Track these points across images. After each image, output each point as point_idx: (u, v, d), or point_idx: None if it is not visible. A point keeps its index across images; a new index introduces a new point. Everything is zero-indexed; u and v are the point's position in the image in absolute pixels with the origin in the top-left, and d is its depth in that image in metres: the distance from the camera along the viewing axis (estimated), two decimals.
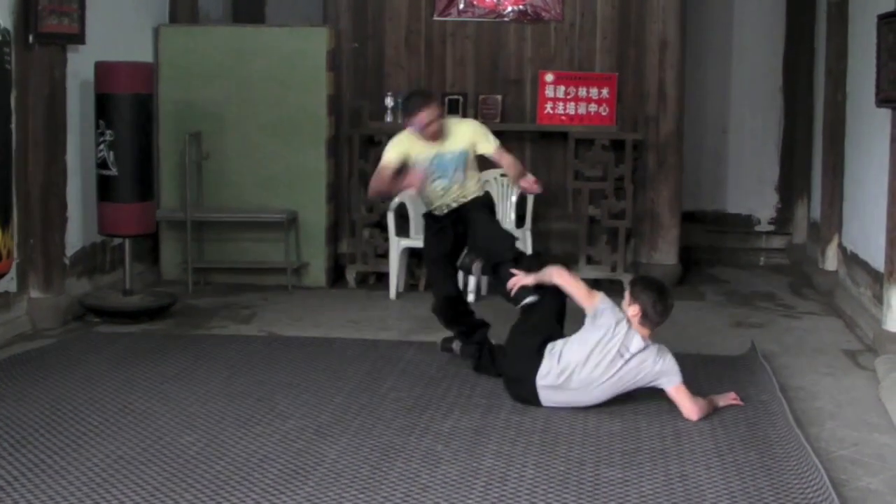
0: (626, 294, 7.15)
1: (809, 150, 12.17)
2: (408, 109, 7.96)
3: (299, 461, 6.06)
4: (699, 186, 12.48)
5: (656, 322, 7.04)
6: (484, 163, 10.79)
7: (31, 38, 8.74)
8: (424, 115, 7.79)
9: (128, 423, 6.68)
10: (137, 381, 7.56)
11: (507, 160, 8.15)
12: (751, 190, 12.76)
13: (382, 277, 10.88)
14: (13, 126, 7.91)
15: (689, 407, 6.87)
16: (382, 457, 6.13)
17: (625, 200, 10.77)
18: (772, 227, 12.81)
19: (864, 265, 9.54)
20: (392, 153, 7.93)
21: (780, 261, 12.57)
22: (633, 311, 7.03)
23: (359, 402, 7.18)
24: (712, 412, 6.92)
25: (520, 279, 7.53)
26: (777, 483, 5.80)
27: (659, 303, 6.99)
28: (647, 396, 7.24)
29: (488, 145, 8.07)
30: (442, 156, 7.89)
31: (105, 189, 9.34)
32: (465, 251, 7.98)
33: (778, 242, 12.74)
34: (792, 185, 12.61)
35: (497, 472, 5.91)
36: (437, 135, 7.87)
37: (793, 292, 11.01)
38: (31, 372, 7.80)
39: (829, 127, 10.99)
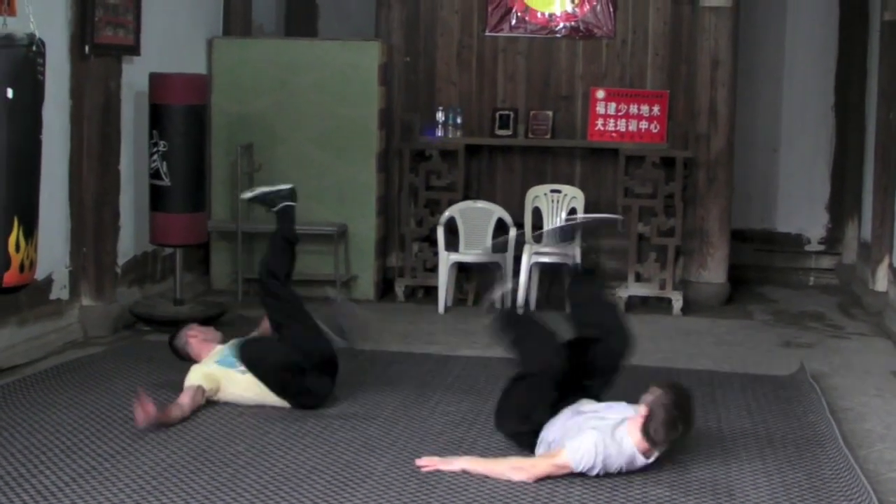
0: (649, 394, 6.15)
1: (860, 170, 12.11)
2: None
3: (347, 474, 6.09)
4: (749, 205, 12.42)
5: (653, 444, 6.08)
6: (533, 179, 10.87)
7: (87, 49, 8.84)
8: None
9: (177, 432, 6.72)
10: None
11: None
12: (801, 209, 12.69)
13: (431, 291, 10.91)
14: (60, 136, 8.00)
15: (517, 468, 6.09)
16: (430, 471, 6.15)
17: (674, 218, 10.75)
18: (822, 247, 12.73)
19: None
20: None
21: (829, 281, 12.49)
22: (642, 411, 6.08)
23: (407, 415, 7.20)
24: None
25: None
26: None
27: (664, 427, 6.03)
28: (696, 415, 7.22)
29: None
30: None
31: (157, 199, 9.41)
32: None
33: (827, 262, 12.66)
34: (842, 204, 12.54)
35: (544, 490, 5.91)
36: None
37: (842, 313, 10.95)
38: (82, 379, 7.87)
39: (881, 146, 10.94)
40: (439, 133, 11.10)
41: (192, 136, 9.41)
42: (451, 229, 10.67)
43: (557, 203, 10.75)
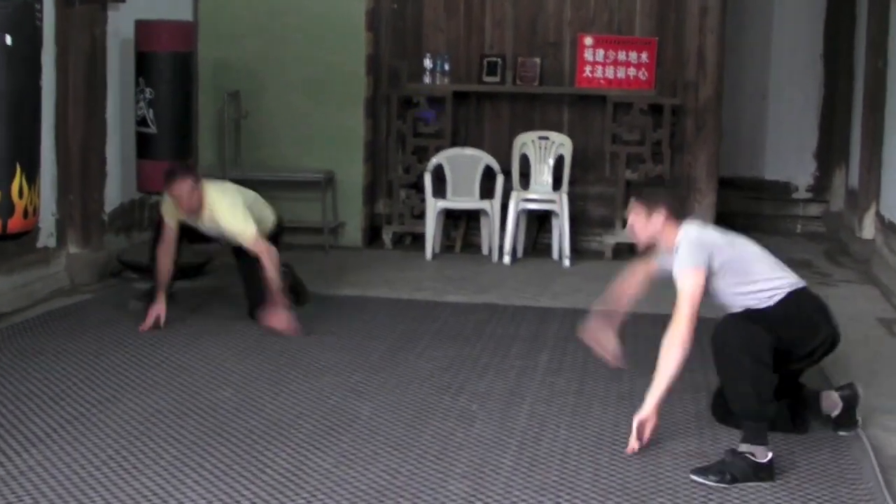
0: (640, 212, 5.98)
1: (849, 118, 12.11)
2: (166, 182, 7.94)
3: (334, 418, 6.11)
4: (737, 152, 12.42)
5: (681, 215, 6.00)
6: (521, 126, 10.83)
7: None
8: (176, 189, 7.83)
9: (164, 378, 6.74)
10: (174, 337, 7.64)
11: (263, 258, 7.82)
12: (789, 157, 12.70)
13: (419, 238, 10.91)
14: (46, 83, 7.97)
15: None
16: (417, 415, 6.18)
17: (662, 165, 10.75)
18: (809, 195, 12.76)
19: None
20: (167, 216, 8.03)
21: (816, 228, 12.52)
22: (659, 218, 5.92)
23: (394, 360, 7.22)
24: None
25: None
26: (810, 447, 5.83)
27: (676, 200, 6.23)
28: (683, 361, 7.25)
29: (242, 238, 7.91)
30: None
31: (144, 146, 9.39)
32: None
33: (815, 210, 12.69)
34: (830, 152, 12.55)
35: (531, 433, 5.95)
36: (193, 209, 7.89)
37: (829, 260, 10.98)
38: (71, 327, 7.88)
39: (870, 94, 10.93)
40: (427, 80, 11.05)
41: (178, 84, 9.37)
42: (439, 176, 10.66)
43: (545, 150, 10.74)
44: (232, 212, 7.89)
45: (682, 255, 5.83)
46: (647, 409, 5.73)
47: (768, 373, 5.64)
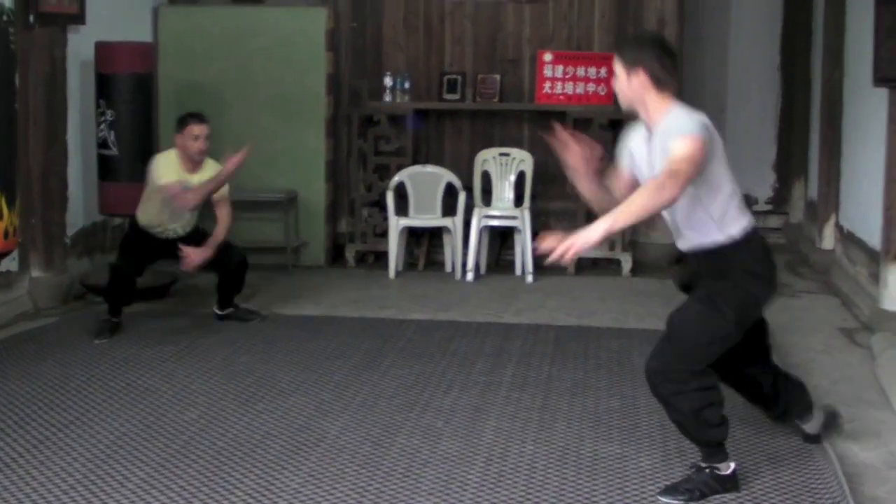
0: (619, 68, 5.39)
1: (807, 130, 12.20)
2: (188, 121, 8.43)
3: (301, 438, 6.12)
4: None
5: (672, 81, 5.37)
6: (482, 143, 10.86)
7: (31, 18, 8.78)
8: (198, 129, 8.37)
9: (130, 401, 6.74)
10: (139, 359, 7.63)
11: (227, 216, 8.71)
12: (748, 169, 12.71)
13: (381, 256, 10.93)
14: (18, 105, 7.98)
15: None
16: (383, 433, 6.20)
17: None
18: (769, 207, 12.85)
19: (861, 244, 9.58)
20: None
21: (777, 240, 12.55)
22: (639, 80, 5.33)
23: (359, 379, 7.24)
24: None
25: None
26: (774, 457, 5.87)
27: (666, 56, 5.38)
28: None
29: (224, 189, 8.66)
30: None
31: (105, 169, 9.39)
32: None
33: (775, 221, 12.77)
34: (789, 164, 12.65)
35: (497, 449, 5.97)
36: (200, 158, 8.48)
37: (790, 271, 11.04)
38: (34, 350, 7.86)
39: (827, 106, 11.02)
40: (387, 98, 11.09)
41: (139, 105, 9.39)
42: (401, 194, 10.68)
43: (506, 166, 10.78)
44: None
45: (680, 122, 5.23)
46: (595, 232, 5.04)
47: (713, 394, 5.37)
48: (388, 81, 11.09)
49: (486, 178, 10.83)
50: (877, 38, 8.71)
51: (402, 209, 10.67)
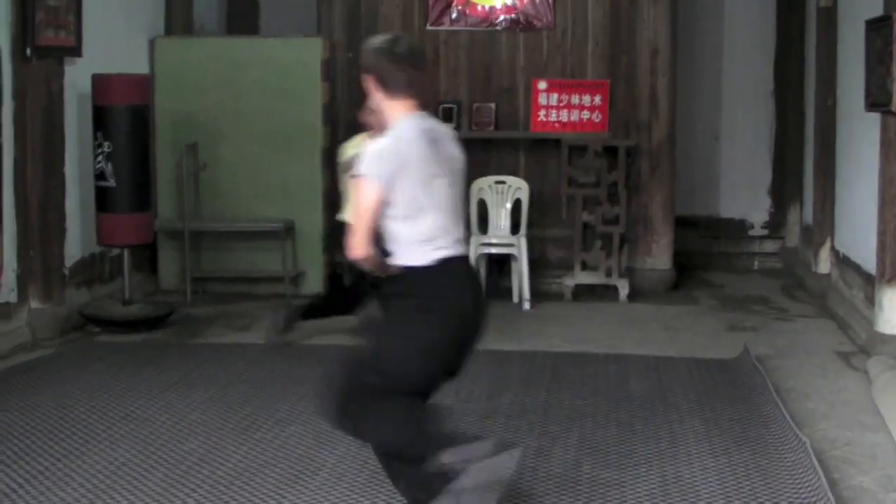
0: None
1: (801, 155, 12.25)
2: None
3: (300, 466, 6.14)
4: (692, 192, 12.54)
5: (404, 85, 5.11)
6: (478, 171, 10.88)
7: (28, 52, 8.82)
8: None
9: (130, 430, 6.76)
10: (138, 389, 7.64)
11: None
12: (744, 194, 12.84)
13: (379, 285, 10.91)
14: (5, 139, 8.04)
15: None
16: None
17: (618, 206, 10.84)
18: (765, 231, 12.89)
19: (857, 268, 9.62)
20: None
21: (773, 264, 12.65)
22: (372, 86, 5.21)
23: None
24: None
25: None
26: (771, 483, 5.88)
27: (397, 61, 5.11)
28: (644, 400, 7.35)
29: None
30: None
31: (103, 200, 9.42)
32: None
33: (771, 246, 12.82)
34: (784, 189, 12.70)
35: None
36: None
37: (786, 295, 11.09)
38: (33, 382, 7.87)
39: (820, 131, 11.08)
40: None
41: (136, 137, 9.42)
42: None
43: (502, 194, 10.83)
44: None
45: (366, 152, 5.03)
46: None
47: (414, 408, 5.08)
48: None
49: (483, 205, 10.87)
50: (868, 63, 8.77)
51: None
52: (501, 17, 11.32)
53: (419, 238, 4.99)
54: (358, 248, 4.97)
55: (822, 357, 8.64)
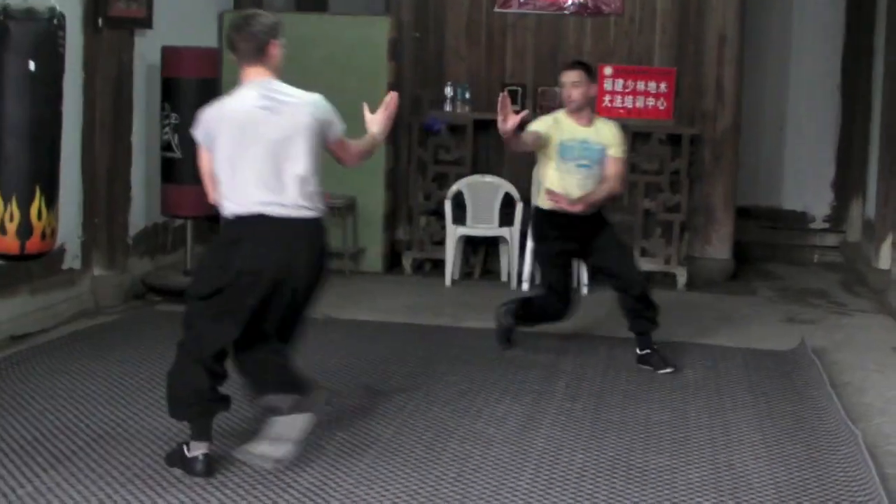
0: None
1: (866, 149, 12.18)
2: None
3: (356, 439, 6.22)
4: (755, 182, 12.50)
5: (239, 56, 5.88)
6: None
7: (100, 22, 8.93)
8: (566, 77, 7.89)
9: None
10: None
11: (616, 171, 7.98)
12: (806, 187, 12.78)
13: (438, 264, 11.00)
14: (73, 109, 8.13)
15: None
16: (436, 437, 6.28)
17: (680, 194, 10.84)
18: (827, 225, 12.83)
19: None
20: (538, 124, 7.98)
21: (834, 258, 12.58)
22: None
23: (414, 384, 7.32)
24: None
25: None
26: (823, 475, 5.89)
27: (234, 31, 5.89)
28: (698, 387, 7.37)
29: (615, 151, 7.98)
30: (589, 144, 7.88)
31: (169, 171, 9.52)
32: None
33: (832, 240, 12.76)
34: (847, 183, 12.63)
35: (548, 456, 6.04)
36: (576, 104, 7.84)
37: (846, 290, 11.05)
38: (94, 347, 8.00)
39: (886, 126, 11.01)
40: (448, 108, 11.17)
41: (203, 109, 9.48)
42: (459, 203, 10.76)
43: None
44: (616, 127, 8.17)
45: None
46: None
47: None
48: (448, 91, 11.18)
49: None
50: None
51: (459, 218, 10.74)
52: (570, 2, 11.32)
53: (230, 193, 5.68)
54: (209, 196, 5.92)
55: (879, 353, 8.61)
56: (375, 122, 6.43)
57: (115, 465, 5.74)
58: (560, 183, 7.83)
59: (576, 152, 7.82)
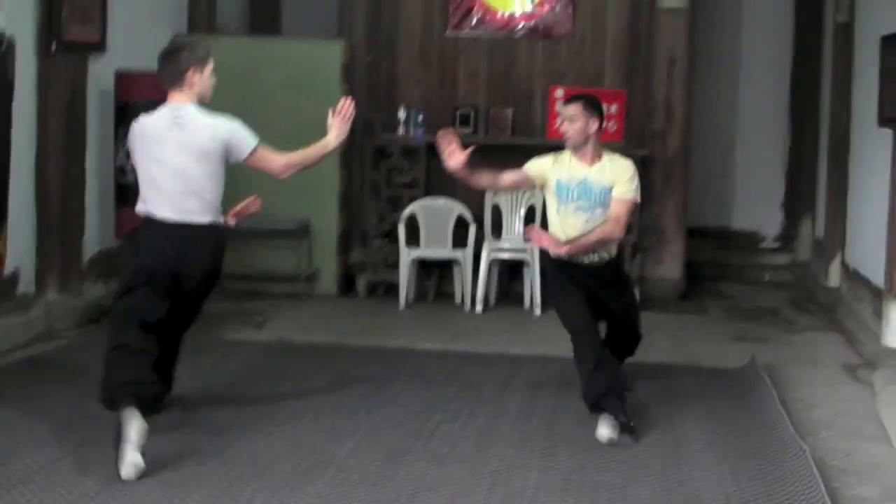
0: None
1: (815, 169, 12.33)
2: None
3: (310, 461, 6.24)
4: (705, 202, 12.61)
5: (161, 81, 6.92)
6: None
7: (53, 46, 8.95)
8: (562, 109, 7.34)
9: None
10: None
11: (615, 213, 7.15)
12: (756, 207, 12.90)
13: (393, 287, 11.03)
14: (25, 133, 8.13)
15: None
16: (390, 457, 6.32)
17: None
18: (777, 244, 12.96)
19: (866, 282, 9.70)
20: (532, 164, 7.43)
21: (784, 277, 12.70)
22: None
23: (368, 405, 7.36)
24: None
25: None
26: (772, 490, 5.96)
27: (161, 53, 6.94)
28: (649, 405, 7.43)
29: (619, 190, 7.17)
30: (589, 184, 7.18)
31: (123, 195, 9.52)
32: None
33: (782, 259, 12.88)
34: (797, 202, 12.76)
35: (501, 475, 6.09)
36: (572, 142, 7.20)
37: (796, 308, 11.16)
38: (49, 371, 8.00)
39: (834, 146, 11.17)
40: (401, 131, 11.24)
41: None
42: (413, 226, 10.82)
43: (517, 200, 10.92)
44: (632, 168, 7.42)
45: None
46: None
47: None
48: (401, 114, 11.24)
49: (497, 211, 10.96)
50: (881, 80, 8.85)
51: (413, 241, 10.80)
52: (521, 24, 11.44)
53: (141, 198, 6.63)
54: None
55: (828, 369, 8.71)
56: (332, 127, 7.24)
57: (69, 488, 5.75)
58: (561, 227, 7.23)
59: (574, 193, 7.15)
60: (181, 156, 6.58)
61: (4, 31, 6.51)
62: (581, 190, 7.15)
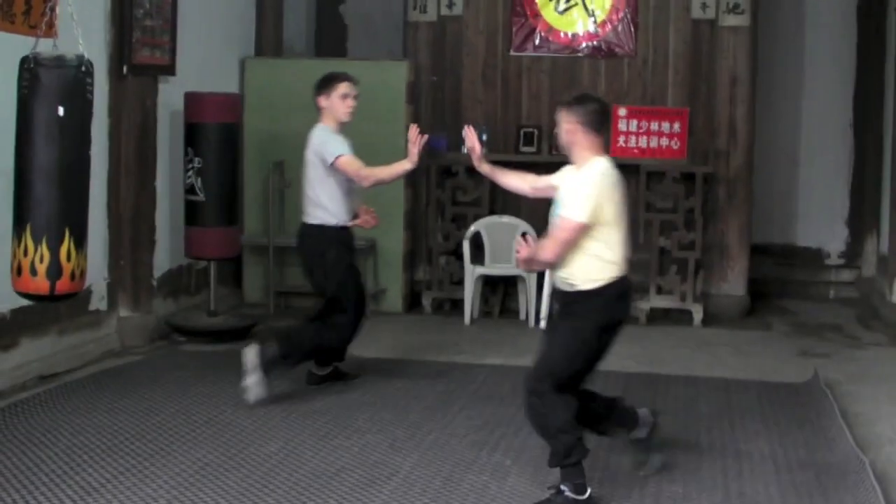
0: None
1: (879, 185, 12.30)
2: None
3: (374, 472, 6.37)
4: (769, 219, 12.62)
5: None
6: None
7: (125, 69, 9.16)
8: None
9: (212, 434, 7.02)
10: (222, 395, 7.90)
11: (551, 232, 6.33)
12: (821, 223, 12.89)
13: (457, 304, 11.14)
14: (99, 154, 8.36)
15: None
16: (454, 469, 6.43)
17: (694, 232, 10.98)
18: (842, 261, 12.92)
19: None
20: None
21: (849, 294, 12.68)
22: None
23: (433, 419, 7.47)
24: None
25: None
26: (831, 501, 6.02)
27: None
28: (711, 418, 7.49)
29: (564, 207, 6.25)
30: (559, 195, 6.48)
31: (192, 214, 9.71)
32: None
33: (847, 276, 12.85)
34: (862, 219, 12.74)
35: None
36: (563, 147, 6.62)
37: (860, 324, 11.15)
38: (121, 385, 8.16)
39: None
40: (465, 150, 11.30)
41: (225, 154, 9.70)
42: (477, 243, 10.92)
43: None
44: (591, 179, 6.44)
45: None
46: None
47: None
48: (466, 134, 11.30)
49: None
50: None
51: (478, 258, 10.91)
52: (584, 44, 11.53)
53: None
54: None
55: (891, 385, 8.70)
56: (410, 154, 8.36)
57: (143, 496, 5.91)
58: None
59: (556, 205, 6.41)
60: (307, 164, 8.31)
61: (83, 53, 6.67)
62: (557, 201, 6.40)
